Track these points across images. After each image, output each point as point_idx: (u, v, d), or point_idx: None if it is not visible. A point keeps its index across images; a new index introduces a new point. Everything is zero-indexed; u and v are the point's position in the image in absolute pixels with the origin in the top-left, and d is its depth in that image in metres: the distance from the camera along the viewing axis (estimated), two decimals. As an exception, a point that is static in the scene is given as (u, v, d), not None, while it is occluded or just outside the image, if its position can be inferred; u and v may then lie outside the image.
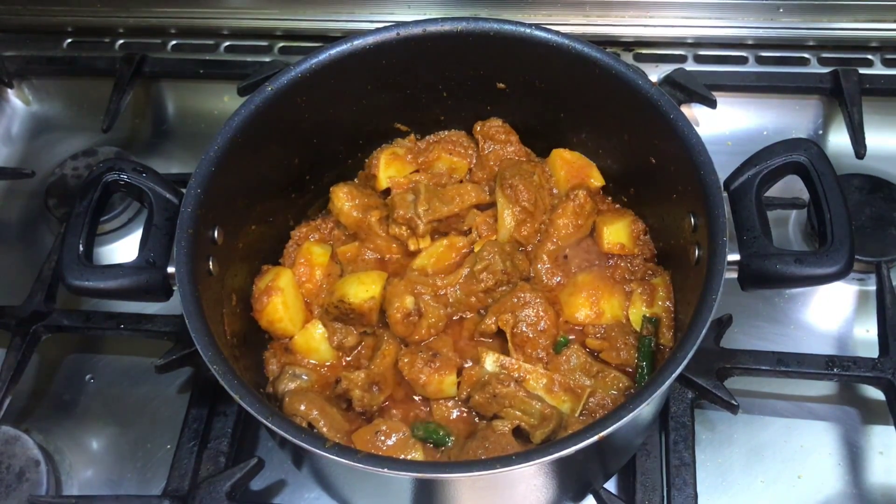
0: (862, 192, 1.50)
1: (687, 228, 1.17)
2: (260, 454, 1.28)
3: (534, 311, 1.24)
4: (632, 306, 1.26)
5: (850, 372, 1.29)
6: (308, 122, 1.30)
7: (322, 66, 1.25)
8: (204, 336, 1.04)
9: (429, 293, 1.27)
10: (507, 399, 1.15)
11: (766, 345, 1.37)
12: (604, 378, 1.20)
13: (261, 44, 1.85)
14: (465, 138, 1.44)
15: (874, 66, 1.72)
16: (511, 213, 1.32)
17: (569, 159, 1.38)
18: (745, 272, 1.09)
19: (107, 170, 1.18)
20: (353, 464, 0.93)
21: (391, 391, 1.24)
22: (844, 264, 1.07)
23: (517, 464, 0.92)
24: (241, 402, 0.98)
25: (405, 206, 1.33)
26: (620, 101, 1.23)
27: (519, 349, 1.24)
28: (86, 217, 1.15)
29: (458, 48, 1.28)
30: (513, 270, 1.28)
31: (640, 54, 1.78)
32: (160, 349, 1.38)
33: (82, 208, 1.15)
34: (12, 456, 1.32)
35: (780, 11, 1.72)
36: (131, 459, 1.36)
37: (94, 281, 1.12)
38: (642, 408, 0.95)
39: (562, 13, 1.75)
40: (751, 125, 1.70)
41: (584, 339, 1.25)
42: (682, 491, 1.21)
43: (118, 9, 1.86)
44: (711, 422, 1.33)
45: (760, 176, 1.14)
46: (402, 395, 1.24)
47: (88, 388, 1.45)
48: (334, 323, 1.28)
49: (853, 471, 1.29)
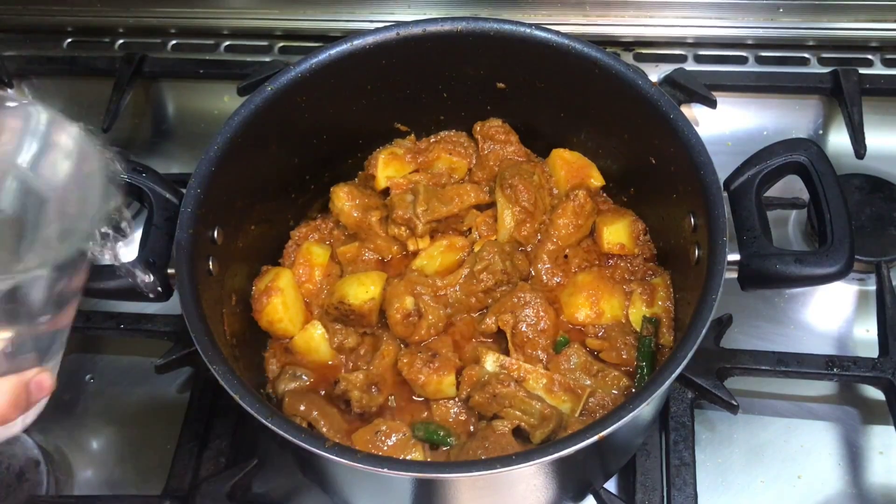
0: (862, 192, 1.50)
1: (687, 228, 1.17)
2: (260, 454, 1.28)
3: (534, 311, 1.24)
4: (632, 306, 1.26)
5: (850, 372, 1.28)
6: (308, 122, 1.30)
7: (322, 66, 1.25)
8: (204, 336, 1.04)
9: (428, 294, 1.27)
10: (507, 399, 1.15)
11: (766, 345, 1.37)
12: (604, 378, 1.20)
13: (261, 44, 1.85)
14: (465, 138, 1.44)
15: (874, 66, 1.72)
16: (511, 213, 1.32)
17: (569, 159, 1.38)
18: (745, 272, 1.10)
19: (107, 170, 1.17)
20: (353, 464, 0.93)
21: (390, 392, 1.24)
22: (844, 264, 1.07)
23: (517, 464, 0.92)
24: (241, 402, 0.98)
25: (404, 206, 1.33)
26: (620, 101, 1.23)
27: (519, 349, 1.24)
28: (86, 217, 1.15)
29: (458, 48, 1.28)
30: (513, 270, 1.28)
31: (640, 54, 1.78)
32: (160, 349, 1.38)
33: (82, 208, 1.15)
34: (12, 456, 1.32)
35: (780, 11, 1.72)
36: (131, 459, 1.36)
37: (93, 281, 1.12)
38: (642, 408, 0.96)
39: (562, 13, 1.75)
40: (751, 125, 1.70)
41: (584, 338, 1.25)
42: (682, 491, 1.21)
43: (118, 9, 1.86)
44: (711, 422, 1.33)
45: (760, 176, 1.14)
46: (402, 396, 1.24)
47: (88, 388, 1.45)
48: (334, 324, 1.28)
49: (853, 471, 1.29)
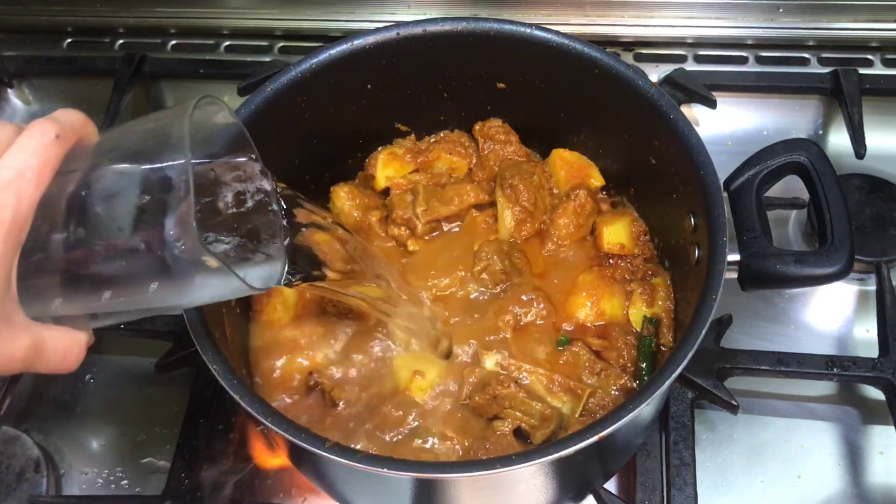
0: (862, 192, 1.50)
1: (687, 228, 1.17)
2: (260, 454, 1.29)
3: (535, 310, 1.25)
4: (632, 306, 1.26)
5: (850, 372, 1.28)
6: (308, 122, 1.30)
7: (322, 66, 1.25)
8: (204, 336, 1.04)
9: (428, 297, 1.27)
10: (508, 400, 1.15)
11: (766, 345, 1.37)
12: (606, 377, 1.20)
13: (261, 44, 1.85)
14: (465, 138, 1.44)
15: (874, 66, 1.72)
16: (511, 213, 1.32)
17: (569, 159, 1.38)
18: (745, 272, 1.09)
19: (107, 170, 1.17)
20: (353, 464, 0.93)
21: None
22: (844, 264, 1.07)
23: (517, 464, 0.92)
24: (241, 402, 0.98)
25: (404, 206, 1.33)
26: (620, 101, 1.23)
27: (520, 348, 1.24)
28: (86, 217, 1.15)
29: (458, 48, 1.28)
30: (512, 270, 1.28)
31: (640, 54, 1.78)
32: (160, 349, 1.38)
33: (82, 208, 1.15)
34: (12, 456, 1.32)
35: (780, 11, 1.72)
36: (131, 459, 1.36)
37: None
38: (642, 408, 0.95)
39: (562, 13, 1.75)
40: (751, 125, 1.70)
41: (586, 338, 1.25)
42: (682, 491, 1.21)
43: (118, 9, 1.86)
44: (711, 422, 1.33)
45: (760, 176, 1.14)
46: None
47: (88, 388, 1.45)
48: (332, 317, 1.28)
49: (853, 471, 1.29)
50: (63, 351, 0.80)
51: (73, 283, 0.77)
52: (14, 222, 0.72)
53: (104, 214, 0.76)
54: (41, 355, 0.78)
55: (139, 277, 0.77)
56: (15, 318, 0.75)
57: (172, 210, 0.76)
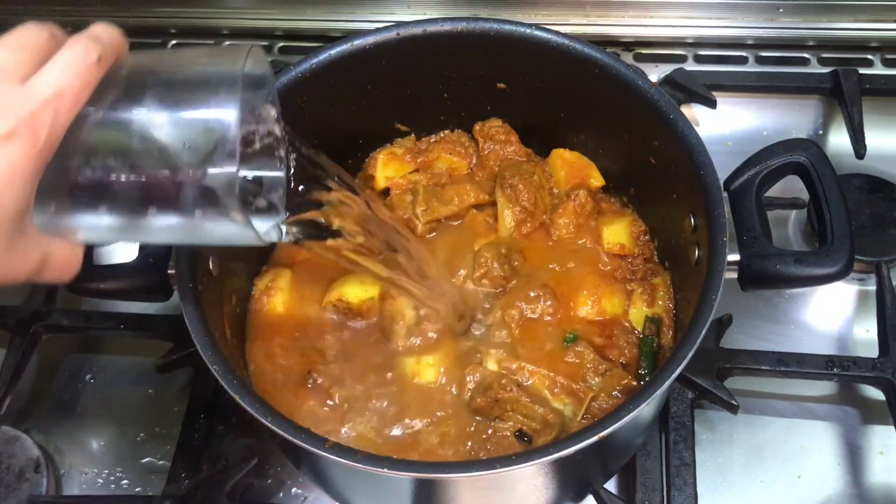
0: (862, 192, 1.50)
1: (687, 228, 1.17)
2: (260, 454, 1.28)
3: (539, 308, 1.24)
4: (632, 306, 1.26)
5: (850, 372, 1.28)
6: (308, 122, 1.29)
7: (322, 66, 1.25)
8: (204, 336, 1.04)
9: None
10: (510, 404, 1.15)
11: (766, 345, 1.37)
12: (610, 378, 1.20)
13: (261, 44, 1.85)
14: (465, 138, 1.44)
15: (874, 66, 1.72)
16: (511, 213, 1.32)
17: (569, 159, 1.38)
18: (745, 272, 1.09)
19: (107, 170, 1.17)
20: (353, 464, 0.93)
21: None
22: (844, 264, 1.07)
23: (517, 464, 0.92)
24: (241, 402, 0.98)
25: (403, 206, 1.33)
26: (620, 101, 1.23)
27: (523, 346, 1.23)
28: (86, 217, 1.14)
29: (458, 48, 1.28)
30: (511, 274, 1.28)
31: (640, 54, 1.78)
32: (160, 349, 1.38)
33: (82, 208, 1.15)
34: (12, 456, 1.32)
35: (780, 11, 1.72)
36: (131, 459, 1.36)
37: (94, 281, 1.12)
38: (642, 408, 0.95)
39: (562, 13, 1.75)
40: (751, 125, 1.70)
41: (589, 337, 1.25)
42: (682, 491, 1.21)
43: (118, 9, 1.86)
44: (711, 422, 1.33)
45: (760, 176, 1.14)
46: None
47: (88, 388, 1.45)
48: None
49: (853, 471, 1.29)
50: (64, 262, 0.83)
51: (83, 203, 0.78)
52: (47, 143, 0.73)
53: (134, 145, 0.76)
54: (47, 266, 0.81)
55: (155, 206, 0.78)
56: (31, 231, 0.77)
57: (210, 160, 0.75)
